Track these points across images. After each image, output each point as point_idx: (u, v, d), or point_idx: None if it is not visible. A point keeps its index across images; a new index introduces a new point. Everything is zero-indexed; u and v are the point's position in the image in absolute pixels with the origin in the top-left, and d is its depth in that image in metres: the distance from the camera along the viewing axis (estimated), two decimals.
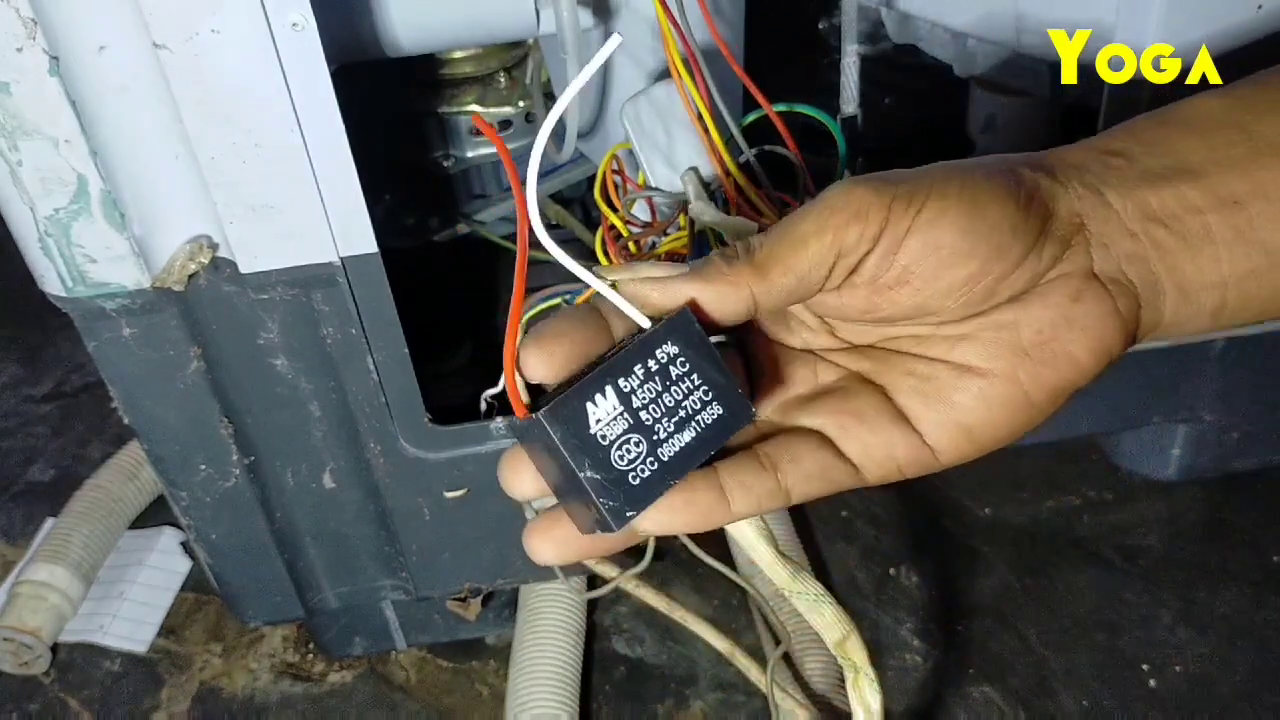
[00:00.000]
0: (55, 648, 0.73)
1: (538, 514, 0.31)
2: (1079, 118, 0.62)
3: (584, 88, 0.50)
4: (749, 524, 0.35)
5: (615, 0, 0.55)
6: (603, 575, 0.60)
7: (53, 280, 0.48)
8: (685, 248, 0.46)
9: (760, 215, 0.44)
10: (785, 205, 0.46)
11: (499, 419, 0.55)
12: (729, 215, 0.44)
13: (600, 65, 0.27)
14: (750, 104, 0.48)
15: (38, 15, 0.40)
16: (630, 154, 0.50)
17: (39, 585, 0.72)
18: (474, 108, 0.70)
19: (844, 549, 0.78)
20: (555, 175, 0.72)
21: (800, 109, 0.48)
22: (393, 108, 0.70)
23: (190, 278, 0.48)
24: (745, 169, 0.47)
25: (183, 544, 0.81)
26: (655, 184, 0.49)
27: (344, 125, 0.44)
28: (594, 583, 0.70)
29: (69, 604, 0.74)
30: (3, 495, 0.87)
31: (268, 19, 0.40)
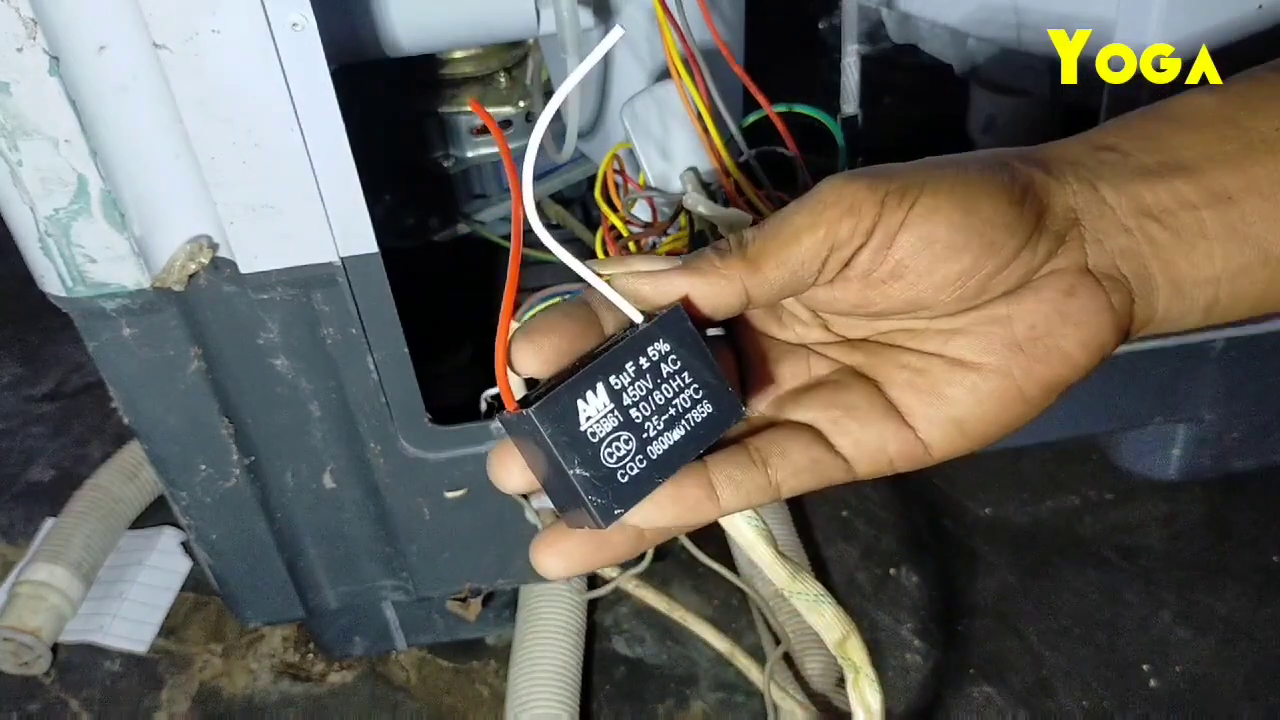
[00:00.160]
0: (55, 648, 0.73)
1: (538, 514, 0.31)
2: (1079, 118, 0.62)
3: (585, 87, 0.50)
4: (749, 524, 0.34)
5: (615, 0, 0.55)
6: (603, 575, 0.60)
7: (53, 280, 0.48)
8: (685, 247, 0.46)
9: (760, 215, 0.44)
10: (785, 205, 0.46)
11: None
12: (724, 208, 0.44)
13: (601, 57, 0.27)
14: (750, 104, 0.48)
15: (38, 15, 0.40)
16: (631, 154, 0.50)
17: (39, 585, 0.72)
18: None
19: (844, 549, 0.78)
20: (555, 175, 0.72)
21: (800, 109, 0.48)
22: (393, 108, 0.70)
23: (190, 278, 0.48)
24: (745, 169, 0.47)
25: (183, 544, 0.81)
26: (655, 184, 0.49)
27: (344, 125, 0.44)
28: (594, 583, 0.70)
29: (69, 604, 0.74)
30: (3, 495, 0.87)
31: (268, 19, 0.40)
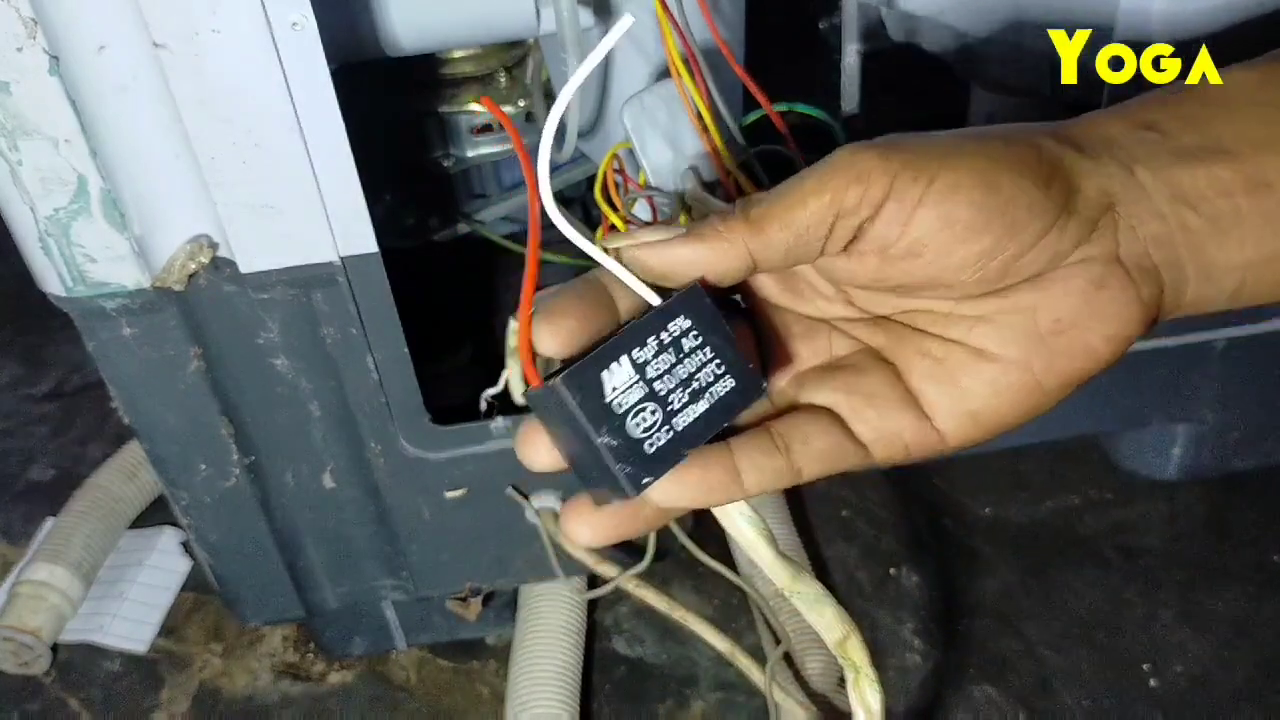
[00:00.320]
0: (55, 648, 0.73)
1: (539, 514, 0.31)
2: None
3: (585, 86, 0.50)
4: (749, 524, 0.34)
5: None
6: (603, 575, 0.60)
7: (53, 280, 0.48)
8: None
9: None
10: None
11: (499, 419, 0.55)
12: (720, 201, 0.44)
13: (609, 49, 0.27)
14: (750, 104, 0.48)
15: (38, 15, 0.40)
16: (631, 153, 0.50)
17: (39, 585, 0.72)
18: (475, 106, 0.70)
19: (844, 549, 0.78)
20: (555, 175, 0.72)
21: (800, 109, 0.48)
22: (393, 108, 0.70)
23: (190, 277, 0.48)
24: (745, 169, 0.47)
25: (183, 544, 0.81)
26: (655, 183, 0.49)
27: (344, 125, 0.44)
28: (594, 583, 0.70)
29: (69, 604, 0.73)
30: (3, 495, 0.87)
31: (268, 19, 0.40)
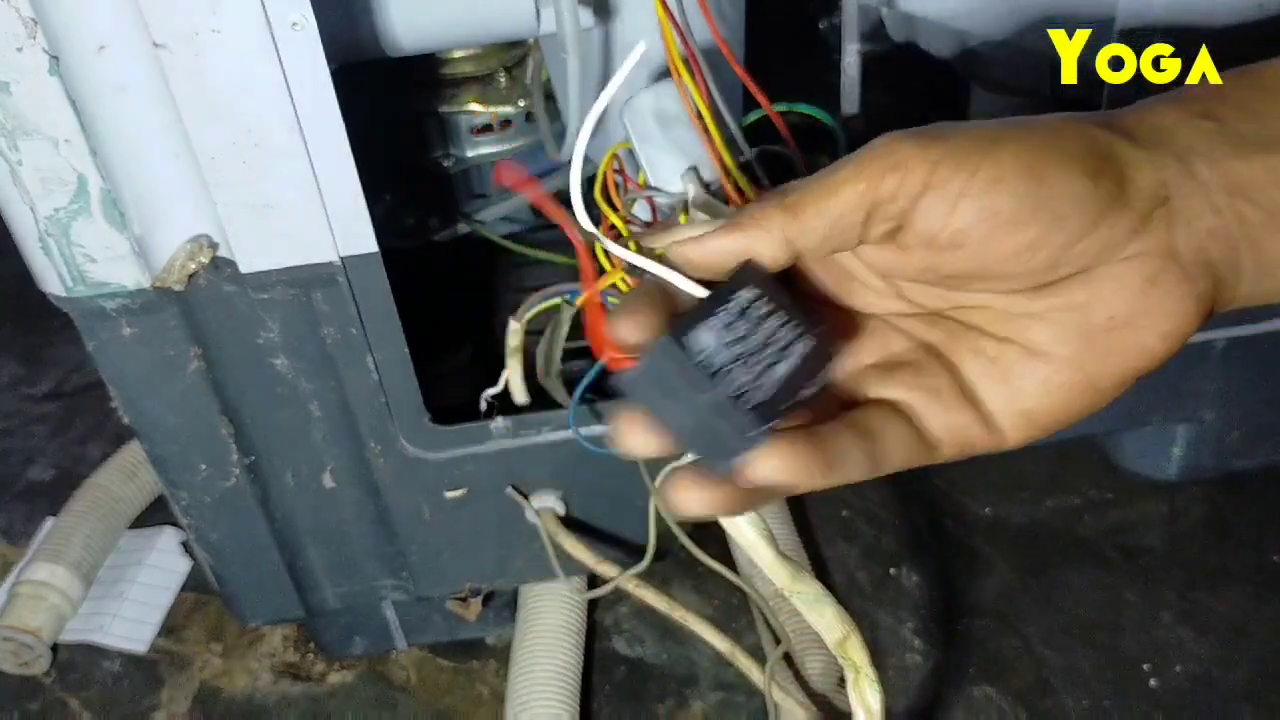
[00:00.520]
0: (55, 648, 0.73)
1: (539, 514, 0.31)
2: None
3: (585, 87, 0.50)
4: (749, 524, 0.35)
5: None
6: (603, 575, 0.60)
7: (53, 280, 0.48)
8: None
9: None
10: None
11: (499, 419, 0.55)
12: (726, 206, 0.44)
13: (621, 79, 0.27)
14: (750, 104, 0.48)
15: (38, 15, 0.40)
16: (631, 154, 0.50)
17: (39, 585, 0.72)
18: (474, 107, 0.70)
19: (844, 549, 0.78)
20: (555, 175, 0.72)
21: (800, 109, 0.48)
22: (393, 108, 0.70)
23: (190, 277, 0.48)
24: (745, 169, 0.47)
25: (183, 544, 0.81)
26: (655, 184, 0.49)
27: (344, 125, 0.44)
28: (594, 583, 0.70)
29: (69, 604, 0.73)
30: (3, 495, 0.87)
31: (268, 19, 0.40)
